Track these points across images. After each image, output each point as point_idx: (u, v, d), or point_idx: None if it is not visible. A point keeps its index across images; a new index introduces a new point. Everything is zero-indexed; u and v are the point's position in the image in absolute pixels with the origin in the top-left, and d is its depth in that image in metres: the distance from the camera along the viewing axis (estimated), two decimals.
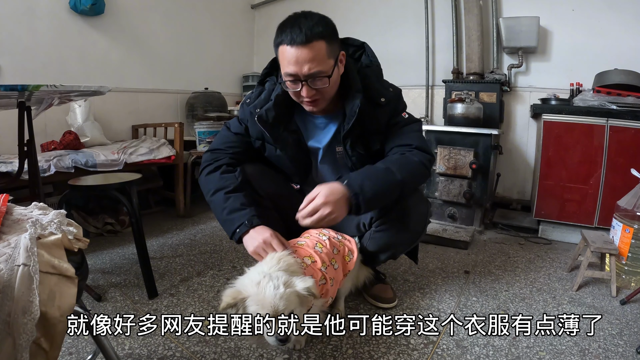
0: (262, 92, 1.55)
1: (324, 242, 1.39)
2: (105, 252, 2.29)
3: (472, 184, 2.73)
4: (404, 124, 1.54)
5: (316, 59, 1.30)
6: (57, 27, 2.96)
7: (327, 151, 1.60)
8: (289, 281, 1.07)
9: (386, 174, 1.37)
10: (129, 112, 3.46)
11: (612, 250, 1.90)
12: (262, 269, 1.13)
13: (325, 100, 1.43)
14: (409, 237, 1.57)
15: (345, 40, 1.57)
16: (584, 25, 2.92)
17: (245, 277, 1.13)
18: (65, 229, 0.82)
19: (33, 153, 1.71)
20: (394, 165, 1.39)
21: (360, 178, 1.34)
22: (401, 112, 1.57)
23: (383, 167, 1.39)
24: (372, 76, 1.51)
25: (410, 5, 3.57)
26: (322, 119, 1.57)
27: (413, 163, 1.43)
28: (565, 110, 2.52)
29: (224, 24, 4.31)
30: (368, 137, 1.52)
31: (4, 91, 1.35)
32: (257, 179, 1.57)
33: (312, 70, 1.30)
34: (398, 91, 1.57)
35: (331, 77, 1.35)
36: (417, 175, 1.45)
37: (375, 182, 1.34)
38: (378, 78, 1.53)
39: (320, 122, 1.58)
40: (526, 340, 1.48)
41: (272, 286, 1.02)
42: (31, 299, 0.60)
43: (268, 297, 1.01)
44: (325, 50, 1.31)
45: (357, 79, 1.46)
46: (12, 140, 1.84)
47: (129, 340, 1.43)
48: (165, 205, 3.35)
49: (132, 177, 1.84)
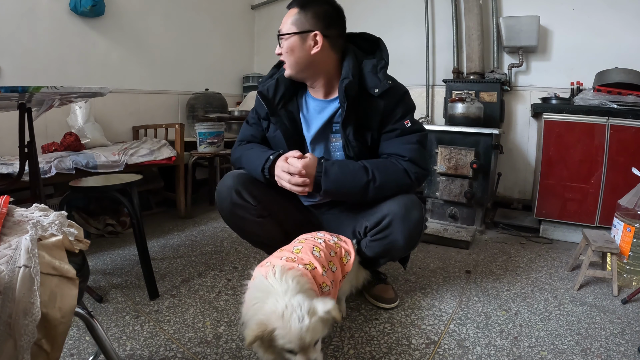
0: (274, 73, 1.62)
1: (321, 246, 1.36)
2: (107, 253, 2.30)
3: (473, 184, 2.72)
4: (404, 132, 1.51)
5: (287, 22, 1.47)
6: (57, 28, 2.97)
7: (321, 135, 1.60)
8: (311, 308, 1.03)
9: (357, 171, 1.44)
10: (129, 113, 3.46)
11: (613, 250, 1.90)
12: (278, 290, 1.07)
13: (291, 67, 1.50)
14: (405, 245, 1.51)
15: (361, 34, 1.62)
16: (584, 24, 2.91)
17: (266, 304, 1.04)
18: (66, 230, 0.82)
19: (34, 154, 1.71)
20: (373, 166, 1.45)
21: (332, 163, 1.45)
22: (404, 116, 1.51)
23: (361, 165, 1.45)
24: (369, 66, 1.50)
25: (410, 5, 3.57)
26: (319, 102, 1.59)
27: (396, 170, 1.46)
28: (565, 110, 2.52)
29: (224, 25, 4.31)
30: (363, 131, 1.52)
31: (5, 93, 1.35)
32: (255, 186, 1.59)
33: (280, 30, 1.48)
34: (400, 90, 1.52)
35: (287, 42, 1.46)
36: (397, 181, 1.47)
37: (343, 173, 1.44)
38: (376, 69, 1.50)
39: (317, 105, 1.59)
40: (528, 339, 1.47)
41: (297, 318, 0.99)
42: (32, 300, 0.60)
43: (294, 331, 0.98)
44: (294, 17, 1.46)
45: (351, 67, 1.47)
46: (13, 141, 1.85)
47: (130, 342, 1.43)
48: (166, 206, 3.35)
49: (133, 178, 1.84)
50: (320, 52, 1.46)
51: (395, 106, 1.50)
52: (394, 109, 1.50)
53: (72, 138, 2.67)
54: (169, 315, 1.63)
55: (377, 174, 1.43)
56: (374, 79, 1.48)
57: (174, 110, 3.86)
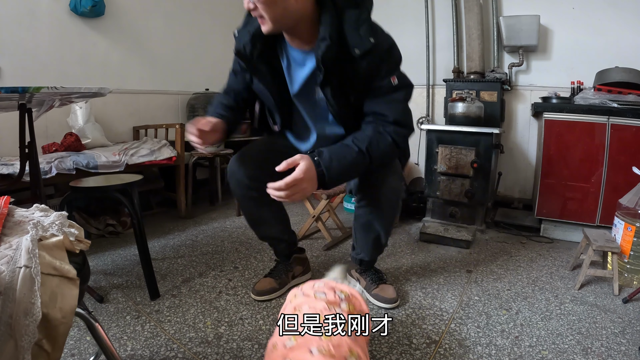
0: (247, 23, 1.47)
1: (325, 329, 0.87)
2: (107, 254, 2.30)
3: (474, 183, 2.72)
4: (390, 90, 1.43)
5: None
6: (57, 28, 2.97)
7: (305, 90, 1.54)
8: None
9: (356, 158, 1.38)
10: (129, 113, 3.46)
11: (614, 249, 1.90)
12: None
13: (269, 22, 1.32)
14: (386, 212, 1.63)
15: None
16: (585, 23, 2.92)
17: None
18: (66, 231, 0.82)
19: (34, 155, 1.71)
20: (367, 145, 1.38)
21: (329, 156, 1.35)
22: (389, 72, 1.43)
23: (355, 149, 1.38)
24: (351, 19, 1.35)
25: (411, 5, 3.57)
26: (300, 53, 1.48)
27: (386, 144, 1.42)
28: (566, 109, 2.52)
29: (225, 25, 4.30)
30: (346, 90, 1.44)
31: (5, 93, 1.34)
32: None
33: None
34: (385, 45, 1.39)
35: None
36: (388, 155, 1.47)
37: (343, 163, 1.36)
38: (357, 24, 1.35)
39: (298, 56, 1.50)
40: (529, 339, 1.48)
41: None
42: (33, 300, 0.60)
43: None
44: None
45: (329, 23, 1.33)
46: (13, 141, 1.85)
47: (131, 342, 1.43)
48: (166, 206, 3.35)
49: (134, 179, 1.84)
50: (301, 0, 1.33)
51: (379, 64, 1.40)
52: (378, 67, 1.40)
53: (72, 138, 2.67)
54: (169, 315, 1.63)
55: (372, 154, 1.39)
56: (355, 36, 1.34)
57: (175, 111, 3.85)
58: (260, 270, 2.08)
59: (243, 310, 1.68)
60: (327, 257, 2.28)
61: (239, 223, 2.91)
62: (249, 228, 1.85)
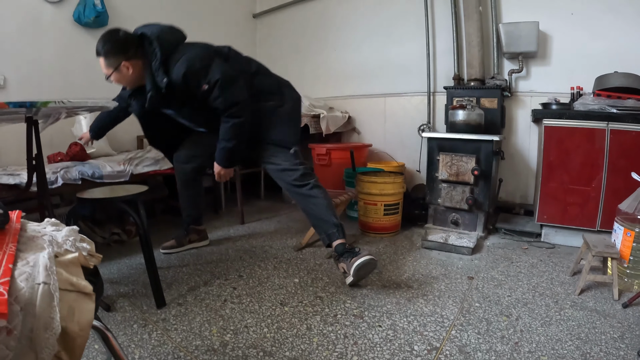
0: None
1: None
2: (113, 262, 2.33)
3: (475, 190, 2.75)
4: (206, 94, 1.98)
5: (104, 67, 1.96)
6: (61, 39, 3.02)
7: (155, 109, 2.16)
8: None
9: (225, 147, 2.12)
10: (133, 122, 3.49)
11: (613, 254, 1.92)
12: None
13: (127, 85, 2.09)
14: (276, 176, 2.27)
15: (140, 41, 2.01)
16: (584, 29, 2.94)
17: None
18: (79, 246, 0.85)
19: (41, 167, 1.75)
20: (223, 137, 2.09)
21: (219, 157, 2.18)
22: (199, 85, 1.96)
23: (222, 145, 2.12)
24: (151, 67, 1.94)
25: (411, 12, 3.61)
26: None
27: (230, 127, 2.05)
28: (565, 115, 2.54)
29: (227, 33, 4.35)
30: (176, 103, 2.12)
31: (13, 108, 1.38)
32: None
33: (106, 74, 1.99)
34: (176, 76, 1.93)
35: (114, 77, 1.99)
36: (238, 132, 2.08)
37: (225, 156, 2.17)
38: (157, 72, 1.93)
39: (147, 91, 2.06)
40: (528, 345, 1.50)
41: None
42: (52, 315, 0.63)
43: None
44: (104, 62, 1.94)
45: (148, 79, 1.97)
46: (19, 151, 1.89)
47: (138, 350, 1.46)
48: (171, 215, 3.38)
49: (139, 190, 1.88)
50: (134, 68, 1.97)
51: (183, 87, 1.95)
52: (186, 88, 1.96)
53: (77, 148, 2.71)
54: (176, 323, 1.66)
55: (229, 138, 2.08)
56: (156, 77, 1.94)
57: None
58: (265, 278, 2.11)
59: (248, 318, 1.71)
60: (330, 265, 2.30)
61: (243, 231, 2.94)
62: (253, 236, 1.88)
